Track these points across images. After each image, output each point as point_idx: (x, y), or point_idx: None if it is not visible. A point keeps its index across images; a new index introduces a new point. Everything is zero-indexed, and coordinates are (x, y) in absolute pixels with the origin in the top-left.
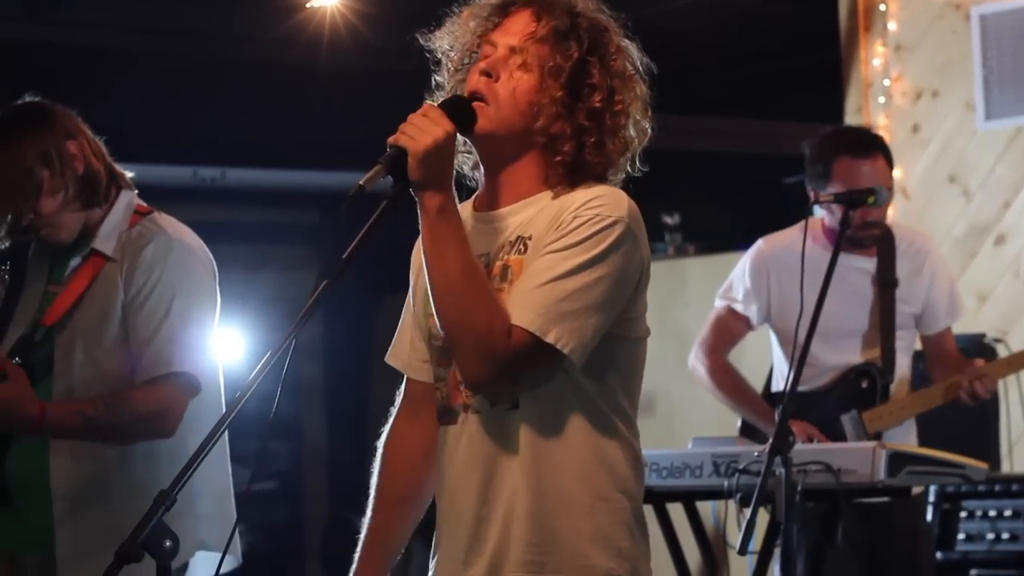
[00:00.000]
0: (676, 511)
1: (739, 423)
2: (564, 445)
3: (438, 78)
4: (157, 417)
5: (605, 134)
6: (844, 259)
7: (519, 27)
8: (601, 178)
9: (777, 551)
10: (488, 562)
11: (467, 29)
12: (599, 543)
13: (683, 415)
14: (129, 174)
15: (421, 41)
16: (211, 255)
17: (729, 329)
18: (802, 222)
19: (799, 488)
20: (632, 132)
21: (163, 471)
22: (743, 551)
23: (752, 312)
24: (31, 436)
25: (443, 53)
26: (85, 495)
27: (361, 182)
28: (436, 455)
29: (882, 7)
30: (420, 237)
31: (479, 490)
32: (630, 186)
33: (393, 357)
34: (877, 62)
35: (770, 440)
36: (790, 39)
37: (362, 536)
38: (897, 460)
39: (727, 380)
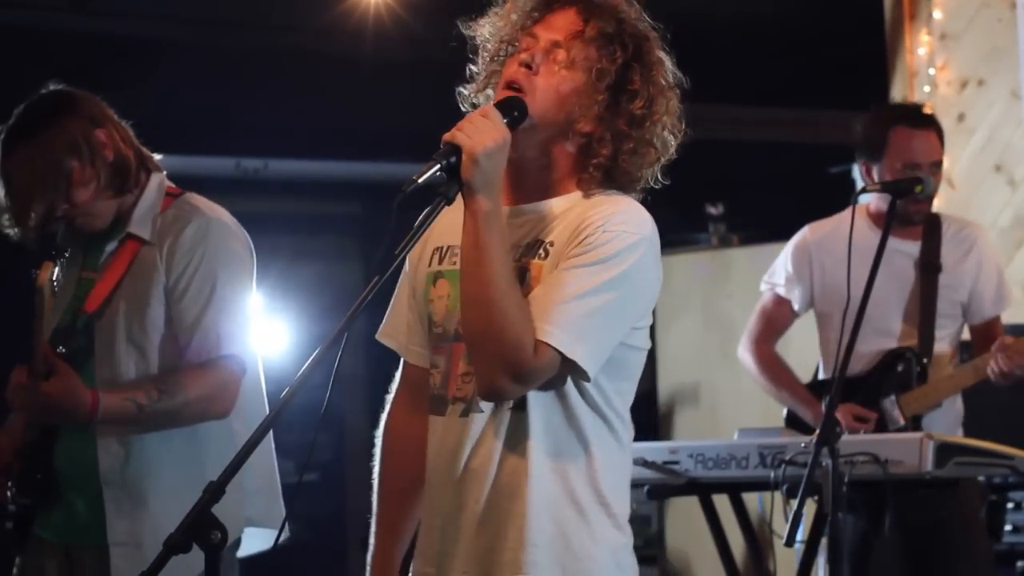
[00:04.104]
0: (722, 502)
1: (784, 413)
2: (571, 449)
3: (473, 67)
4: (211, 400)
5: (641, 142)
6: (889, 242)
7: (564, 23)
8: (628, 187)
9: (824, 542)
10: (480, 560)
11: (508, 20)
12: (599, 545)
13: (727, 406)
14: (157, 157)
15: (461, 29)
16: (247, 232)
17: (775, 317)
18: (848, 208)
19: (846, 479)
20: (659, 145)
21: (209, 452)
22: (790, 542)
23: (795, 297)
24: (82, 426)
25: (481, 42)
26: (133, 481)
27: (415, 178)
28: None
29: None
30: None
31: (472, 485)
32: (666, 180)
33: (386, 336)
34: (922, 51)
35: (817, 431)
36: (835, 28)
37: (372, 529)
38: (945, 451)
39: (772, 370)
